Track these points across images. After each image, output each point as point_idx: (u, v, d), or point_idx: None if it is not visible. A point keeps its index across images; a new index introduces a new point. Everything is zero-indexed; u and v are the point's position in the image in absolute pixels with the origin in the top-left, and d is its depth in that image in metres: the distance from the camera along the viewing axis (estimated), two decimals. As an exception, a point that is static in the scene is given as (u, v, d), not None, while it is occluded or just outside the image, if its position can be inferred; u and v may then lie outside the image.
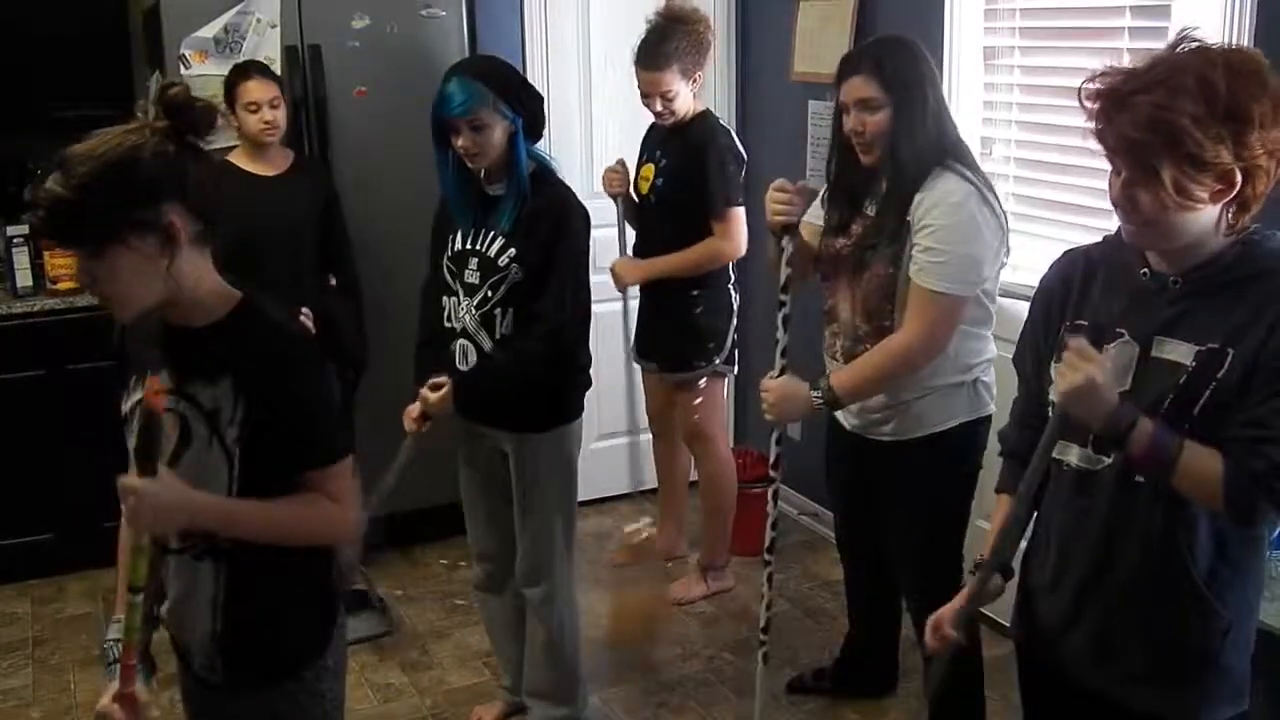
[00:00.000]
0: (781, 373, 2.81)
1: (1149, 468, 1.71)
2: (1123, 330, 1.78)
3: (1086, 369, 1.67)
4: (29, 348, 3.99)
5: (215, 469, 1.77)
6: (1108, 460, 1.79)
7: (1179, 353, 1.72)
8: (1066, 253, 1.95)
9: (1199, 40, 1.67)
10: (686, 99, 3.61)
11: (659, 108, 3.62)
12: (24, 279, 4.05)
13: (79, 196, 1.66)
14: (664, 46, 3.54)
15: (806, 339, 3.02)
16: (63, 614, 3.99)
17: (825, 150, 2.92)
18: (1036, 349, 1.94)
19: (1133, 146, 1.64)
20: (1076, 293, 1.88)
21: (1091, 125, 1.69)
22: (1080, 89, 1.71)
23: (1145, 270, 1.77)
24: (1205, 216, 1.67)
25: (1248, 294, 1.69)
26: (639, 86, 3.63)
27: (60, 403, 3.98)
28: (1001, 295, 2.82)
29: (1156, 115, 1.60)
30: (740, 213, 3.63)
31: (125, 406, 1.88)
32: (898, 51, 2.67)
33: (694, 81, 3.61)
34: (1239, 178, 1.62)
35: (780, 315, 2.81)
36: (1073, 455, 1.85)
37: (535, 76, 4.34)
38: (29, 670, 3.65)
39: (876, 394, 2.74)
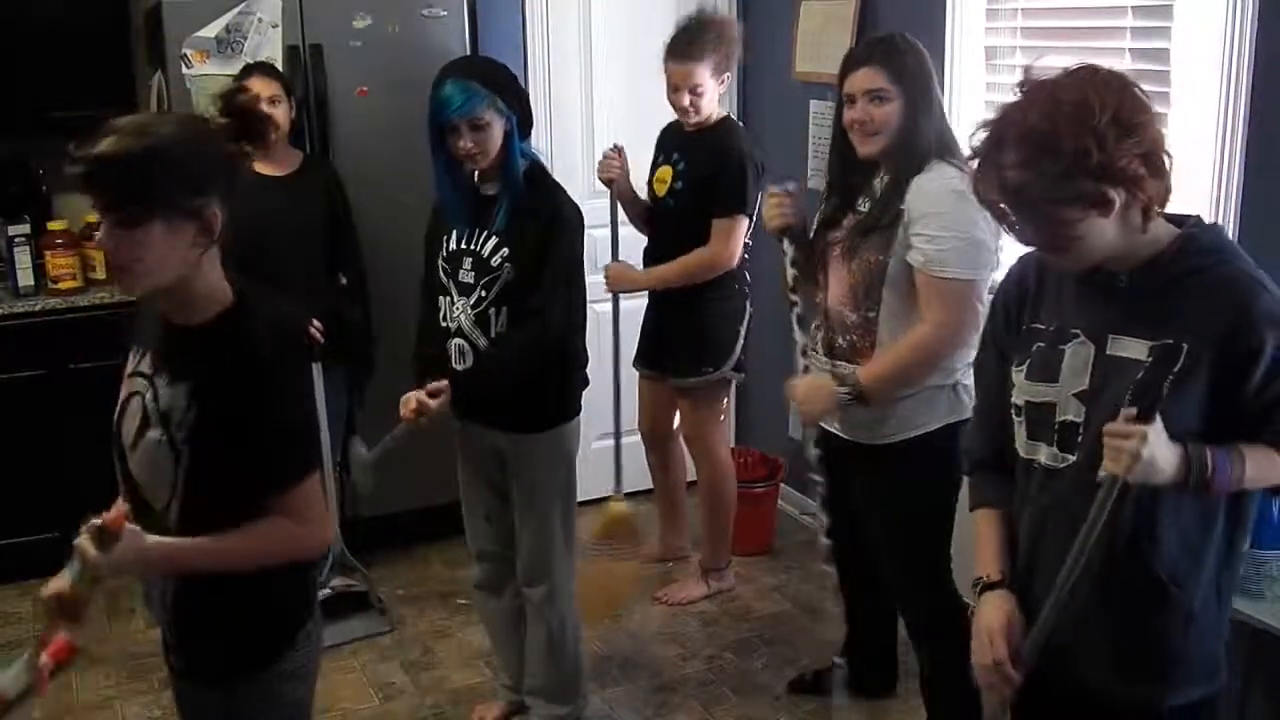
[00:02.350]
0: (805, 371, 2.83)
1: (1222, 494, 1.75)
2: (1077, 330, 1.82)
3: (1131, 447, 1.67)
4: (30, 347, 3.99)
5: (163, 461, 1.79)
6: (1072, 459, 1.83)
7: (1133, 349, 1.76)
8: (1020, 258, 1.99)
9: (1033, 81, 1.71)
10: (713, 98, 3.60)
11: (686, 102, 3.58)
12: (25, 278, 4.05)
13: (143, 160, 1.69)
14: (698, 40, 3.53)
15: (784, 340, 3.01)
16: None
17: (825, 150, 2.93)
18: (999, 351, 1.97)
19: (1000, 205, 1.72)
20: (1032, 295, 1.92)
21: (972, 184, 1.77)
22: (969, 144, 1.77)
23: (1091, 272, 1.80)
24: (1109, 228, 1.70)
25: (1193, 288, 1.74)
26: (669, 79, 3.59)
27: (62, 402, 3.98)
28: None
29: (1004, 177, 1.68)
30: (741, 222, 3.60)
31: (128, 368, 1.90)
32: (906, 47, 2.70)
33: (721, 83, 3.59)
34: (1113, 193, 1.66)
35: (794, 315, 2.84)
36: (1041, 454, 1.89)
37: (536, 76, 4.35)
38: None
39: (904, 387, 2.72)
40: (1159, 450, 1.67)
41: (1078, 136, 1.63)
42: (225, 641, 1.92)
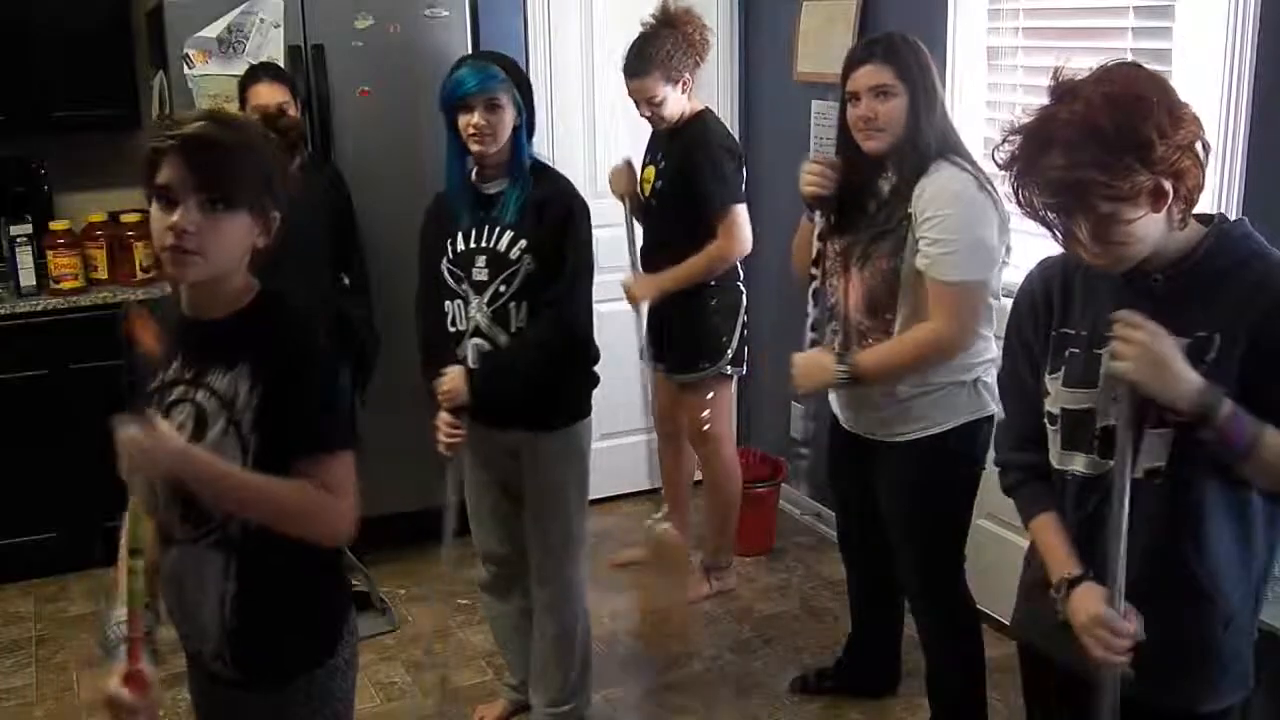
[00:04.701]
0: (811, 346, 2.84)
1: (1228, 447, 1.69)
2: (1112, 334, 1.79)
3: (1140, 336, 1.67)
4: (32, 347, 4.00)
5: (231, 454, 1.78)
6: (1110, 464, 1.80)
7: None
8: (1042, 262, 1.97)
9: (1071, 81, 1.70)
10: (675, 103, 3.61)
11: (647, 113, 3.63)
12: (27, 278, 4.05)
13: (247, 151, 1.77)
14: (645, 53, 3.54)
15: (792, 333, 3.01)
16: (66, 613, 3.99)
17: (828, 150, 2.93)
18: (1030, 361, 1.95)
19: (1052, 209, 1.69)
20: (1059, 300, 1.90)
21: (1010, 192, 1.74)
22: (993, 155, 1.75)
23: (1128, 273, 1.79)
24: (1159, 223, 1.69)
25: (1227, 283, 1.73)
26: (627, 93, 3.64)
27: (63, 402, 3.98)
28: (1006, 296, 2.82)
29: (1060, 178, 1.65)
30: (741, 210, 3.62)
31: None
32: (909, 44, 2.71)
33: (682, 84, 3.59)
34: (1168, 185, 1.66)
35: (810, 289, 2.85)
36: (1078, 464, 1.87)
37: (538, 76, 4.35)
38: (32, 669, 3.66)
39: (901, 379, 2.74)
40: (1168, 350, 1.65)
41: (1139, 129, 1.62)
42: (287, 641, 1.92)
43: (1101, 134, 1.62)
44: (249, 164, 1.76)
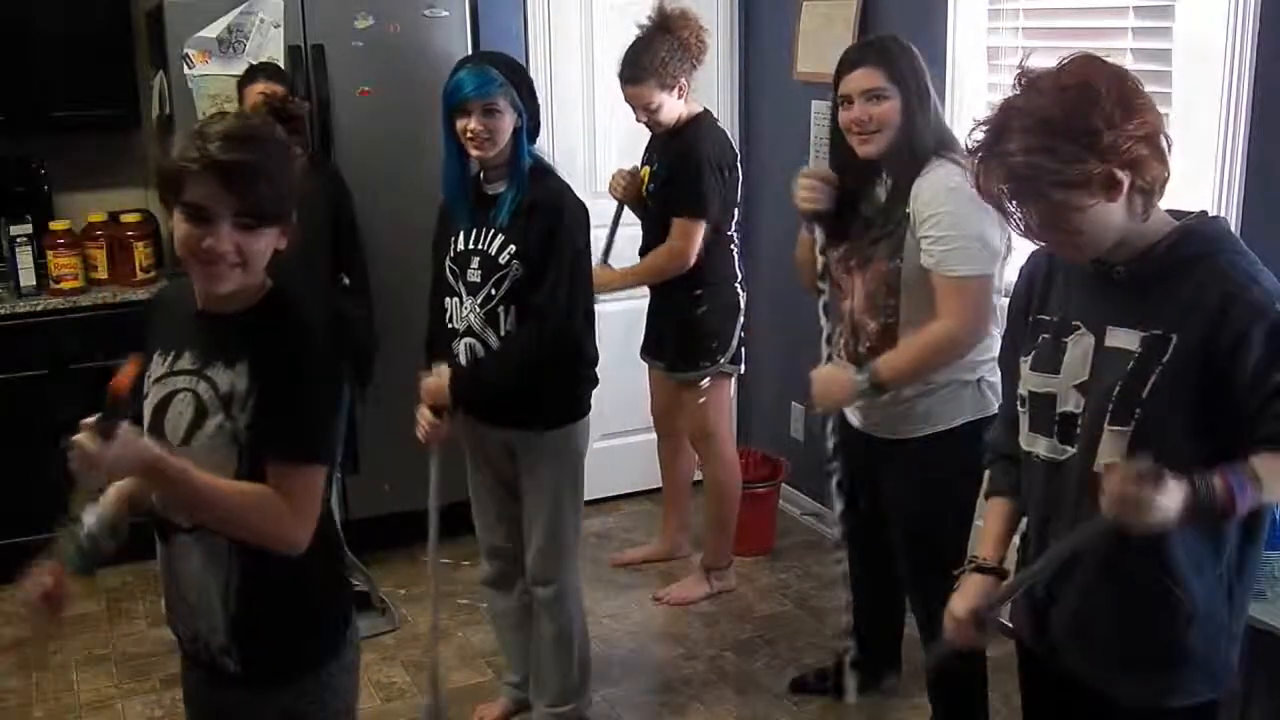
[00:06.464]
0: (828, 360, 2.85)
1: (1246, 510, 1.70)
2: (1079, 323, 1.84)
3: (1121, 490, 1.64)
4: (32, 347, 4.00)
5: (225, 455, 1.78)
6: (1071, 450, 1.84)
7: (1126, 339, 1.77)
8: (1032, 253, 2.01)
9: (1032, 73, 1.74)
10: (672, 108, 3.61)
11: (644, 119, 3.64)
12: (27, 278, 4.05)
13: (279, 172, 1.80)
14: (641, 60, 3.54)
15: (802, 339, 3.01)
16: (66, 613, 3.97)
17: (827, 151, 2.94)
18: (1015, 345, 2.00)
19: (1009, 196, 1.72)
20: (1040, 287, 1.94)
21: (975, 180, 1.78)
22: (965, 143, 1.79)
23: (1093, 264, 1.81)
24: (1116, 213, 1.71)
25: (1185, 278, 1.74)
26: (623, 99, 3.64)
27: (62, 402, 3.96)
28: (1006, 295, 2.82)
29: (1012, 164, 1.68)
30: (695, 226, 3.61)
31: (155, 372, 1.88)
32: (900, 48, 2.72)
33: (678, 90, 3.59)
34: (1121, 175, 1.67)
35: (821, 303, 2.86)
36: (1041, 446, 1.89)
37: (538, 77, 4.34)
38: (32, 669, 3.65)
39: (920, 380, 2.74)
40: (1166, 500, 1.62)
41: (1087, 117, 1.64)
42: (292, 637, 1.91)
43: (1051, 122, 1.65)
44: (277, 181, 1.79)
